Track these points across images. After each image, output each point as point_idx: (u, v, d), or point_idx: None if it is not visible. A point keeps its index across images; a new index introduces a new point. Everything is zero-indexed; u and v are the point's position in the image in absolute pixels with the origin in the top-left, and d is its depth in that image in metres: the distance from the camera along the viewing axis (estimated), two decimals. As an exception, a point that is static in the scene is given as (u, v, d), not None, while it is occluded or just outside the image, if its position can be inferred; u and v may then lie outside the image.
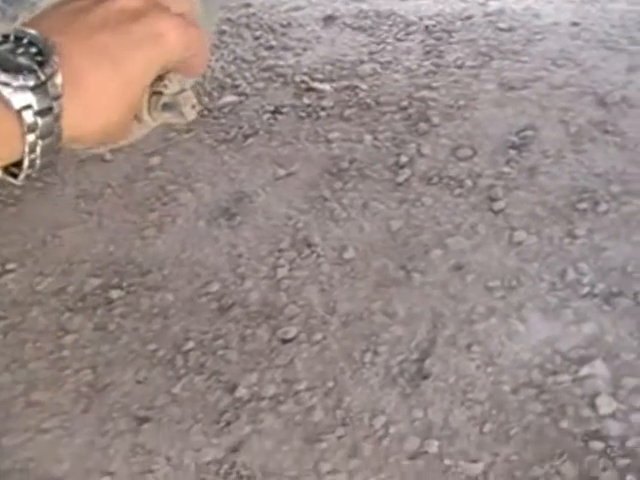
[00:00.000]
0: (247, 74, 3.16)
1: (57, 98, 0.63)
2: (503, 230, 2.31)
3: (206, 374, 2.05)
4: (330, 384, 1.98)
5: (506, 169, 2.51)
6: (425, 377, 1.96)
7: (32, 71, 0.61)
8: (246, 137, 2.85)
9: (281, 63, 3.21)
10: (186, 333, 2.17)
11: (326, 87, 3.04)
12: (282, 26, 3.45)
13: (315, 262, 2.32)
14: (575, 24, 3.10)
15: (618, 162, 2.45)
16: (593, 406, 1.83)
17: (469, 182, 2.49)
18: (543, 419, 1.83)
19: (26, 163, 0.64)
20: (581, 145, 2.54)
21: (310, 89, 3.05)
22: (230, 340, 2.13)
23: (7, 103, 0.61)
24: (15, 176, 0.67)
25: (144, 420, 1.96)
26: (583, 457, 1.74)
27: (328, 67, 3.15)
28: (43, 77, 0.61)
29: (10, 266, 2.41)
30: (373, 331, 2.10)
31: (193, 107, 1.10)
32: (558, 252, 2.21)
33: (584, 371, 1.90)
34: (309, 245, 2.38)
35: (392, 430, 1.86)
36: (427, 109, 2.81)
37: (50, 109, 0.63)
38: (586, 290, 2.09)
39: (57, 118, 0.63)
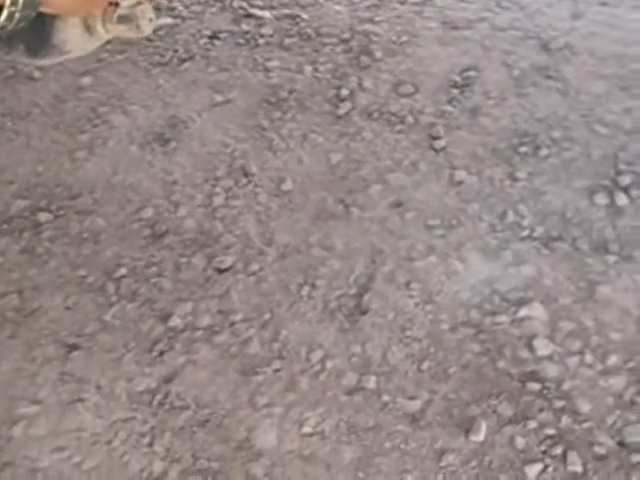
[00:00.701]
0: (183, -3, 3.05)
1: None
2: (444, 169, 2.29)
3: (139, 302, 1.99)
4: (267, 316, 1.95)
5: (448, 108, 2.48)
6: (363, 312, 1.94)
7: None
8: (182, 61, 2.76)
9: (219, -13, 3.11)
10: (118, 259, 2.10)
11: (265, 14, 2.96)
12: (220, -51, 3.34)
13: (252, 192, 2.27)
14: (520, -34, 3.06)
15: (560, 108, 2.45)
16: (530, 348, 1.84)
17: (410, 119, 2.45)
18: (481, 359, 1.83)
19: (5, 14, 0.65)
20: (523, 89, 2.53)
21: (249, 15, 2.96)
22: (164, 268, 2.08)
23: None
24: None
25: (74, 347, 1.90)
26: (520, 397, 1.75)
27: (268, -6, 3.06)
28: None
29: None
30: (311, 264, 2.07)
31: (150, 21, 1.04)
32: (498, 194, 2.20)
33: (522, 313, 1.91)
34: (246, 174, 2.32)
35: (329, 365, 1.84)
36: (369, 43, 2.76)
37: None
38: (525, 233, 2.09)
39: None
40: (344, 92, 2.56)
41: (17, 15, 0.66)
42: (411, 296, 1.97)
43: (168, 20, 2.93)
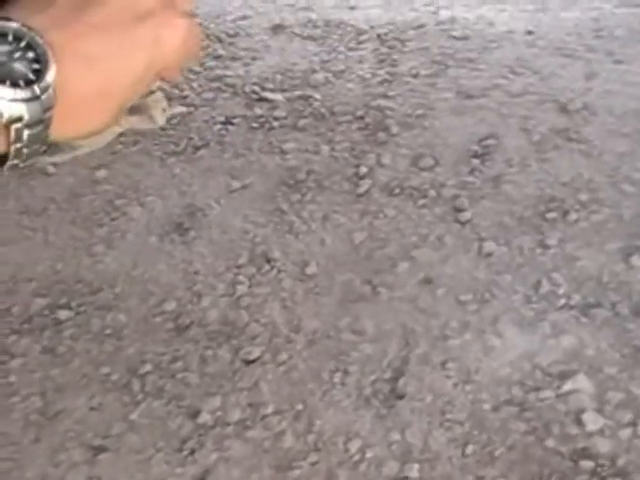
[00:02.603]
0: (195, 84, 3.05)
1: (49, 109, 0.60)
2: (471, 241, 2.23)
3: (165, 399, 1.93)
4: (299, 407, 1.87)
5: (470, 178, 2.44)
6: (400, 397, 1.86)
7: (28, 82, 0.58)
8: (197, 149, 2.74)
9: (230, 73, 3.11)
10: (142, 355, 2.04)
11: (278, 97, 2.94)
12: (229, 35, 3.35)
13: (276, 278, 2.21)
14: (530, 32, 3.05)
15: (584, 170, 2.40)
16: (579, 423, 1.75)
17: (433, 192, 2.41)
18: (527, 438, 1.74)
19: (12, 152, 0.60)
20: (545, 153, 2.49)
21: (261, 99, 2.95)
22: (189, 362, 2.01)
23: None
24: None
25: (100, 450, 1.83)
26: (573, 477, 1.66)
27: (279, 76, 3.05)
28: (38, 91, 0.58)
29: (-51, 287, 2.26)
30: (342, 350, 2.00)
31: (164, 111, 0.98)
32: (530, 263, 2.14)
33: (567, 386, 1.83)
34: (269, 260, 2.27)
35: (369, 454, 1.75)
36: (384, 118, 2.73)
37: (41, 121, 0.60)
38: (562, 302, 2.02)
39: (47, 127, 0.60)
40: (363, 169, 2.52)
41: (25, 151, 0.61)
42: (448, 376, 1.89)
43: (181, 109, 2.92)
